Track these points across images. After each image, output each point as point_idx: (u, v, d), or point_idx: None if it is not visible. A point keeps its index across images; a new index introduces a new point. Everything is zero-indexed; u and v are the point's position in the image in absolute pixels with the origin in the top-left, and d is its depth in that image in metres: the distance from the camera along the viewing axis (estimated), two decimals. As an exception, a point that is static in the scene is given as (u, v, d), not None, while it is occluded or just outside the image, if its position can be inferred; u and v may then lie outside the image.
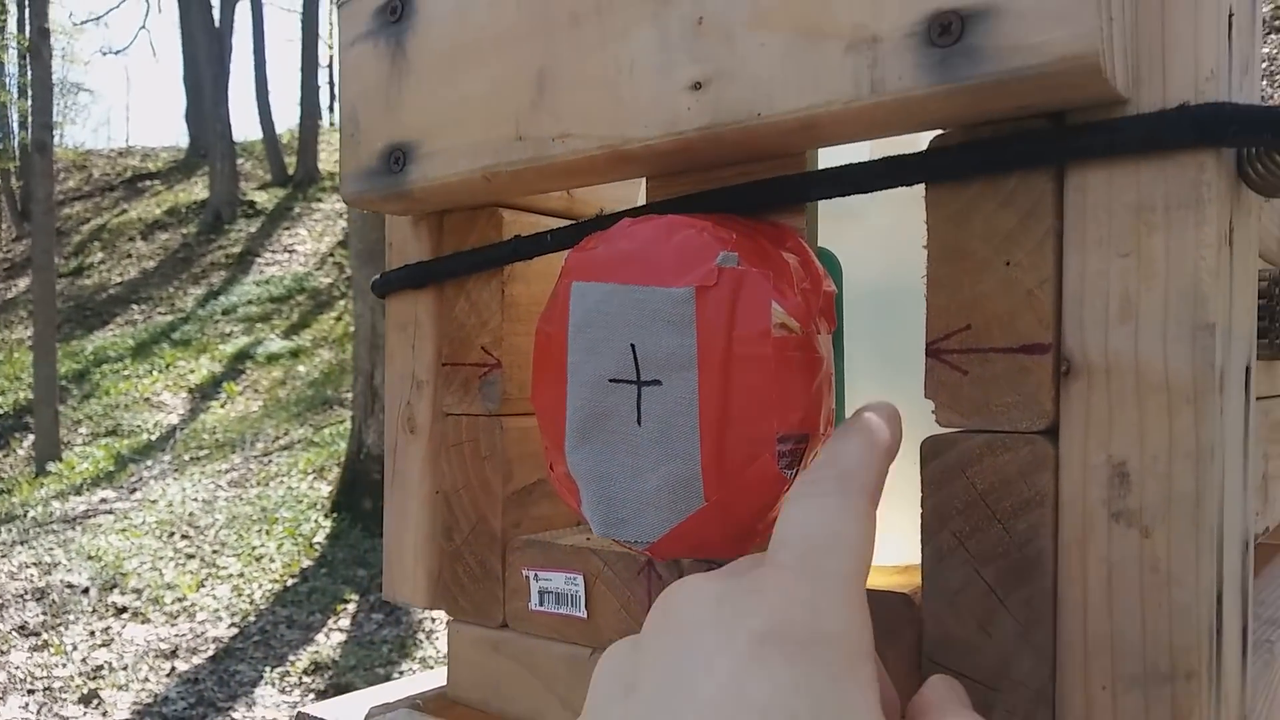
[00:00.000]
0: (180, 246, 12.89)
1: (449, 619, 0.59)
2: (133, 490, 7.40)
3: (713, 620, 0.28)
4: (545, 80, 0.47)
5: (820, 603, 0.28)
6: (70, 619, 5.23)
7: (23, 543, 6.40)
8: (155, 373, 9.82)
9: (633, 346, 0.43)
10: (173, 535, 6.38)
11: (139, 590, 5.59)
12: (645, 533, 0.43)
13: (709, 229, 0.42)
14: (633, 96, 0.44)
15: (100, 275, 12.81)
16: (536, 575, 0.54)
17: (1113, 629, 0.36)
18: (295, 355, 9.66)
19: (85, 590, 5.59)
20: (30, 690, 4.35)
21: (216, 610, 5.36)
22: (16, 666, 4.61)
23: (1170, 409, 0.35)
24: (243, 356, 9.83)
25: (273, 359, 9.65)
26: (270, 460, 7.57)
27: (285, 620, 5.18)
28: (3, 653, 4.78)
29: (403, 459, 0.61)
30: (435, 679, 0.62)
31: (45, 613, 5.32)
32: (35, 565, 5.98)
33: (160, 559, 6.05)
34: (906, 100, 0.37)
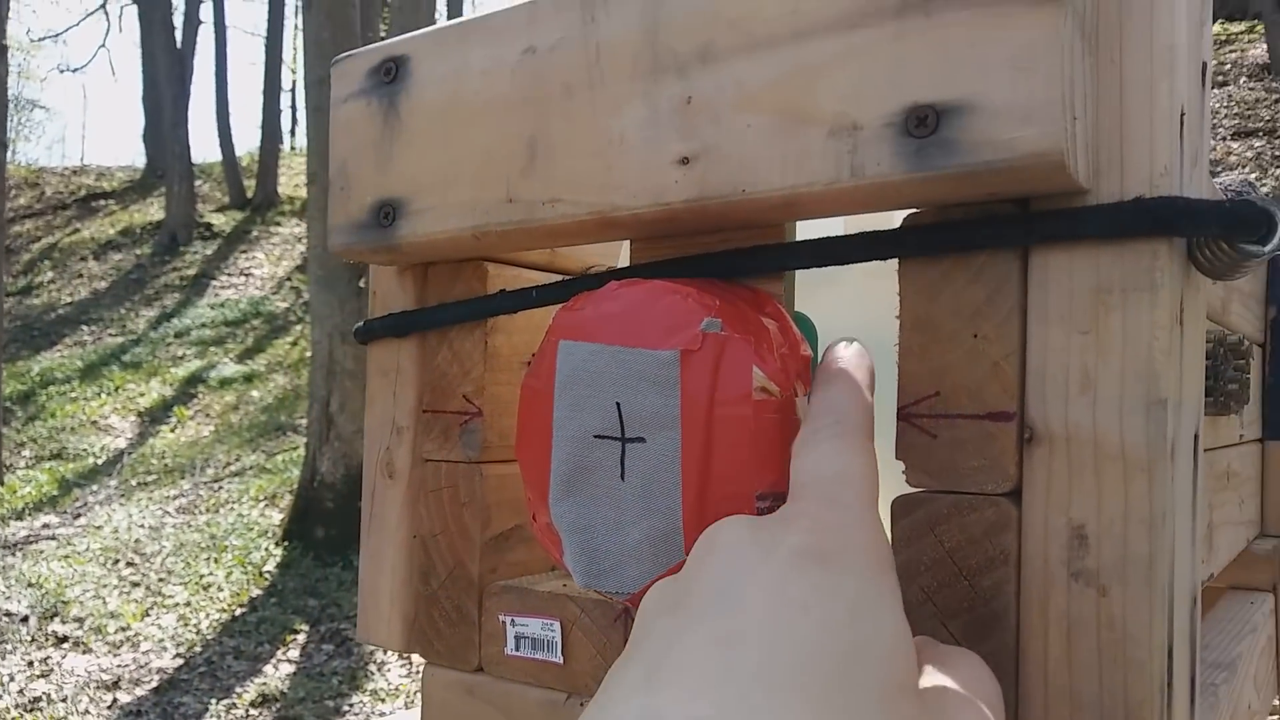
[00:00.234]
0: (134, 268, 12.71)
1: (424, 662, 0.60)
2: (77, 516, 7.24)
3: (752, 541, 0.32)
4: (537, 147, 0.50)
5: (845, 523, 0.32)
6: (7, 649, 5.08)
7: (-40, 568, 6.22)
8: (104, 395, 9.65)
9: (618, 404, 0.44)
10: (117, 562, 6.25)
11: (81, 619, 5.45)
12: (626, 584, 0.45)
13: (694, 295, 0.44)
14: (622, 167, 0.46)
15: (49, 295, 12.57)
16: (513, 620, 0.55)
17: (1071, 682, 0.38)
18: (249, 380, 9.54)
19: (24, 619, 5.45)
20: (-35, 722, 4.22)
21: (161, 640, 5.25)
22: (-49, 697, 4.47)
23: (1125, 477, 0.37)
24: (195, 380, 9.69)
25: (226, 383, 9.52)
26: (221, 487, 7.45)
27: (233, 651, 5.08)
28: (-63, 683, 4.64)
29: (380, 503, 0.62)
30: (409, 721, 0.63)
31: (-18, 642, 5.17)
32: (-27, 592, 5.82)
33: (104, 587, 5.91)
34: (883, 185, 0.39)
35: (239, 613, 5.48)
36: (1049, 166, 0.36)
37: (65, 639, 5.18)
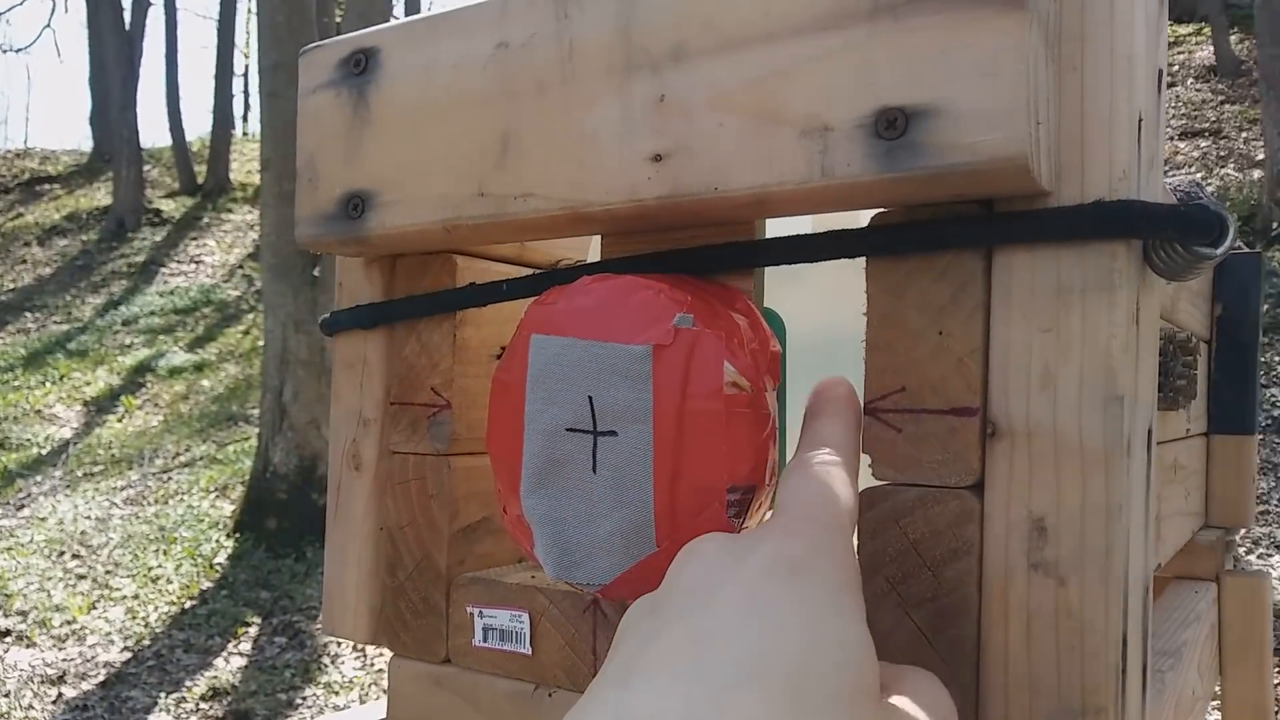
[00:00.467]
0: (80, 254, 12.44)
1: (378, 654, 0.60)
2: (20, 507, 7.08)
3: (729, 550, 0.34)
4: (509, 142, 0.50)
5: (817, 539, 0.33)
6: (-51, 642, 4.97)
7: (-102, 561, 6.07)
8: (48, 384, 9.44)
9: (590, 398, 0.45)
10: (63, 555, 6.13)
11: (24, 612, 5.34)
12: (597, 576, 0.45)
13: (665, 291, 0.44)
14: (595, 163, 0.47)
15: (-9, 281, 12.26)
16: (481, 612, 0.56)
17: (1031, 669, 0.39)
18: (199, 369, 9.39)
19: (-34, 612, 5.32)
20: (-96, 718, 4.13)
21: (108, 634, 5.16)
22: (-111, 693, 4.37)
23: (1084, 470, 0.39)
24: (143, 369, 9.51)
25: (175, 372, 9.36)
26: (170, 477, 7.33)
27: (182, 644, 5.01)
28: (-126, 678, 4.53)
29: (347, 494, 0.62)
30: (372, 713, 0.63)
31: (-79, 636, 5.05)
32: (-88, 585, 5.68)
33: (49, 579, 5.80)
34: (854, 185, 0.40)
35: (189, 605, 5.40)
36: (1013, 170, 0.37)
37: (8, 633, 5.08)
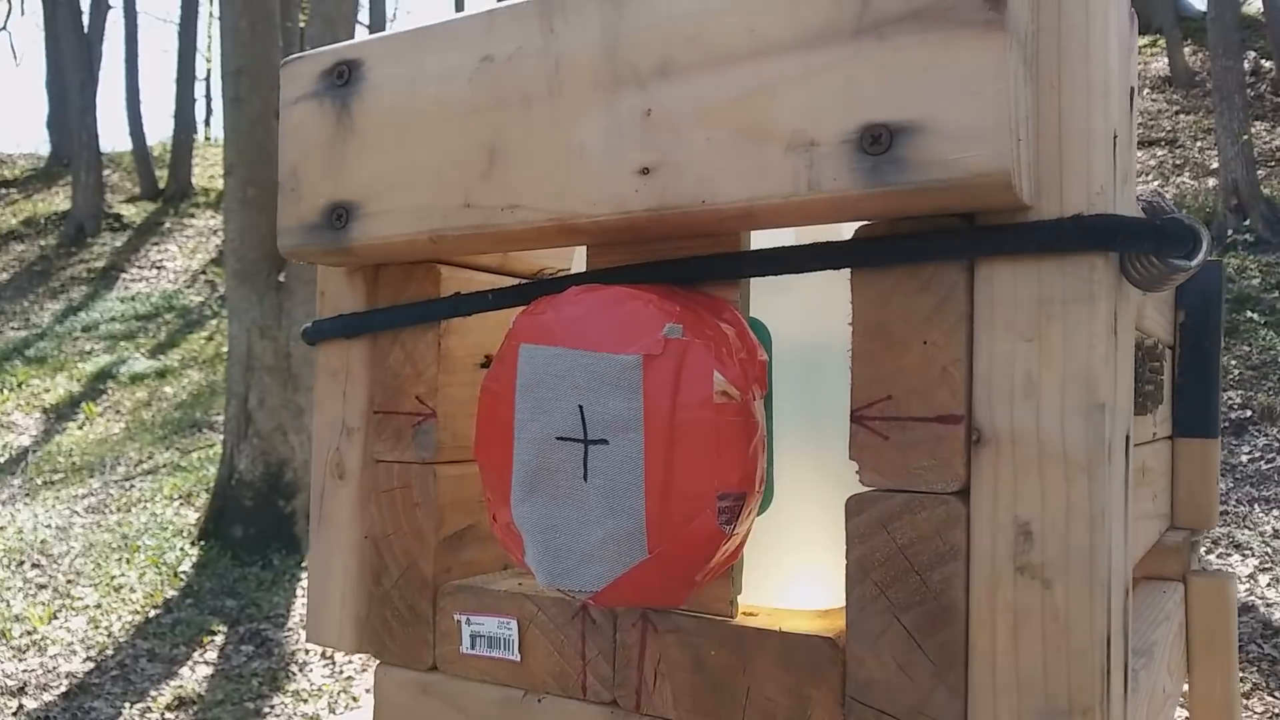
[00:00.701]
0: (38, 259, 12.23)
1: (376, 663, 0.60)
2: (-22, 517, 6.94)
3: None
4: (496, 154, 0.50)
5: None
6: (-94, 656, 4.87)
7: None
8: (6, 391, 9.27)
9: (580, 407, 0.46)
10: (22, 564, 6.02)
11: (-16, 624, 5.24)
12: (589, 582, 0.46)
13: (655, 301, 0.45)
14: (582, 175, 0.47)
15: (-54, 286, 12.02)
16: (469, 619, 0.56)
17: (1018, 670, 0.40)
18: (162, 376, 9.26)
19: (-77, 625, 5.22)
20: None
21: (70, 644, 5.08)
22: None
23: (1067, 476, 0.40)
24: (104, 376, 9.37)
25: (137, 379, 9.22)
26: (132, 485, 7.22)
27: (146, 653, 4.94)
28: None
29: (331, 503, 0.62)
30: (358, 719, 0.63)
31: (-123, 650, 4.95)
32: None
33: (8, 589, 5.69)
34: (839, 199, 0.41)
35: (153, 614, 5.33)
36: (996, 185, 0.38)
37: (-33, 645, 4.97)
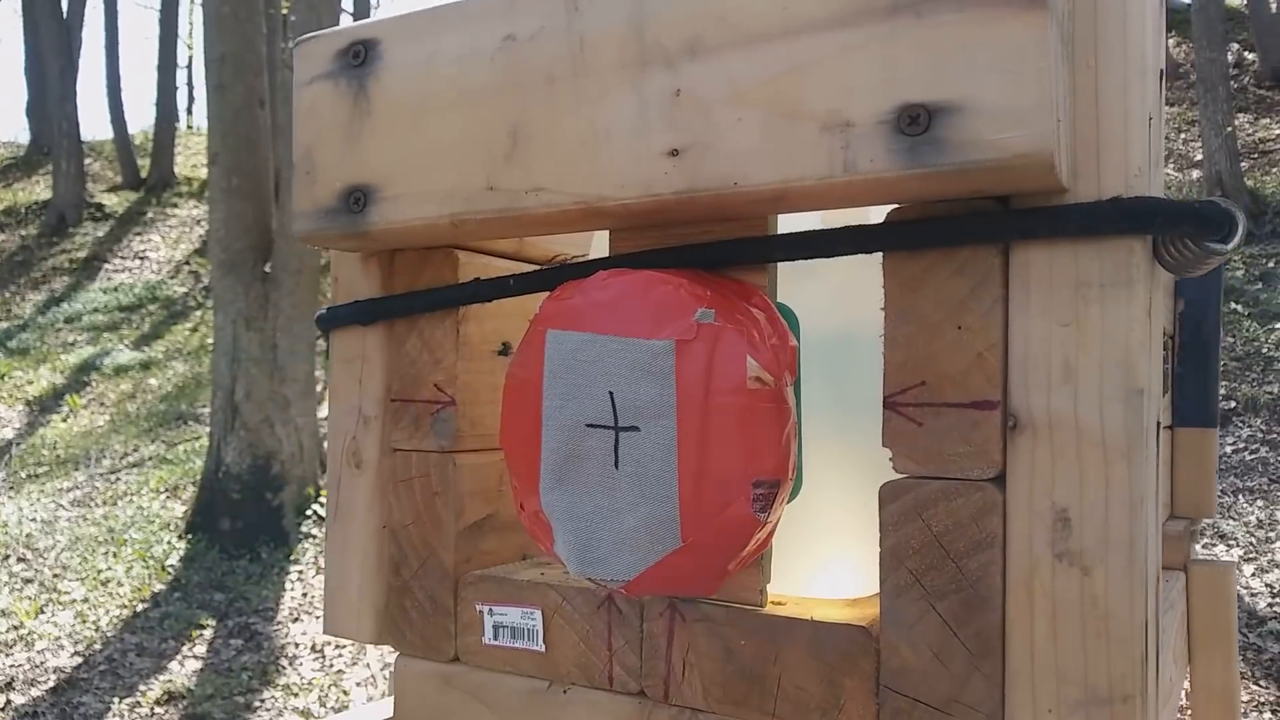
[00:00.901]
0: (18, 249, 12.11)
1: (396, 654, 0.60)
2: (-39, 510, 6.88)
3: None
4: (519, 135, 0.49)
5: None
6: (-110, 651, 4.83)
7: None
8: (-12, 384, 9.18)
9: (611, 394, 0.45)
10: (7, 558, 5.97)
11: (-32, 618, 5.19)
12: (621, 571, 0.45)
13: (685, 285, 0.44)
14: (609, 157, 0.47)
15: (-75, 278, 11.89)
16: (491, 610, 0.55)
17: (1057, 658, 0.40)
18: (146, 367, 9.19)
19: (-93, 619, 5.17)
20: None
21: (58, 638, 5.05)
22: None
23: (1106, 462, 0.40)
24: (87, 368, 9.29)
25: (121, 371, 9.16)
26: (118, 478, 7.18)
27: (135, 648, 4.92)
28: None
29: (347, 493, 0.61)
30: (378, 712, 0.63)
31: None
32: None
33: (-7, 584, 5.64)
34: (876, 180, 0.41)
35: (141, 608, 5.30)
36: (1038, 167, 0.38)
37: (-48, 639, 4.94)
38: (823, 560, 0.52)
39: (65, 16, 13.54)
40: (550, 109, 0.48)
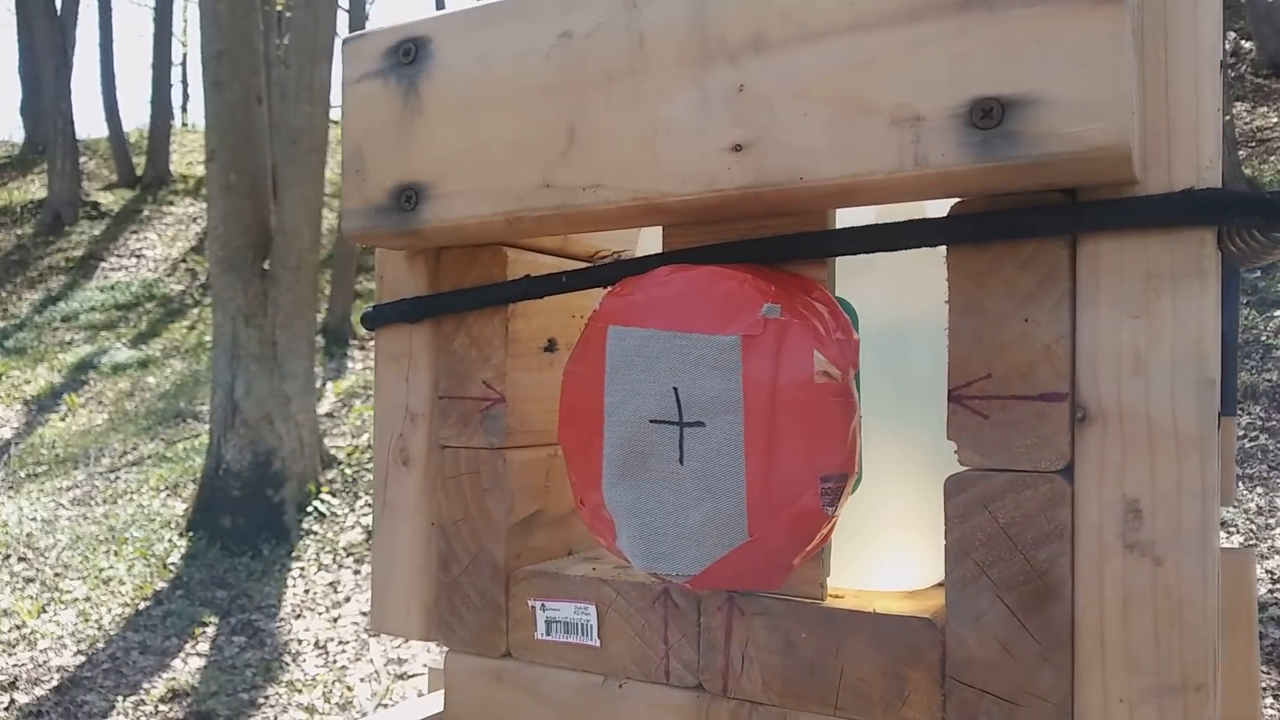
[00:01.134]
0: (14, 248, 12.07)
1: (445, 650, 0.60)
2: (-39, 510, 6.87)
3: None
4: (576, 132, 0.49)
5: None
6: (-107, 651, 4.82)
7: None
8: (-15, 383, 9.15)
9: (675, 390, 0.45)
10: (8, 558, 5.97)
11: (-29, 618, 5.19)
12: (686, 566, 0.46)
13: (750, 281, 0.45)
14: (670, 153, 0.47)
15: (-80, 277, 11.86)
16: (543, 605, 0.56)
17: (1128, 648, 0.40)
18: (144, 366, 9.18)
19: (-91, 619, 5.17)
20: None
21: (60, 637, 5.05)
22: None
23: (1179, 453, 0.40)
24: (85, 367, 9.28)
25: (119, 369, 9.14)
26: (118, 477, 7.17)
27: (138, 646, 4.92)
28: None
29: (395, 491, 0.61)
30: (426, 707, 0.63)
31: None
32: None
33: (-5, 583, 5.63)
34: (947, 174, 0.41)
35: (143, 606, 5.30)
36: (1115, 159, 0.38)
37: (-46, 640, 4.93)
38: (880, 553, 0.52)
39: (59, 14, 13.49)
40: (609, 106, 0.49)
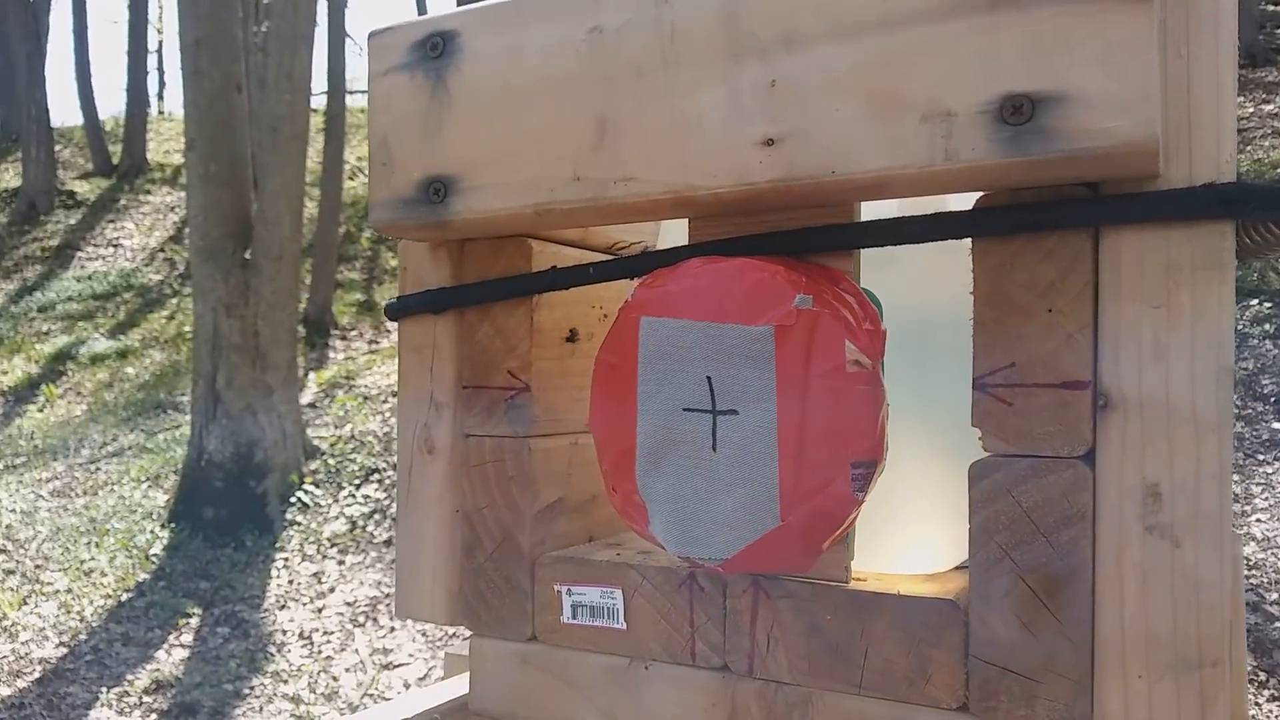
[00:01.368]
0: (-12, 238, 11.93)
1: (470, 634, 0.61)
2: (-62, 502, 6.80)
3: None
4: (607, 126, 0.50)
5: None
6: None
7: None
8: (-39, 374, 9.05)
9: (709, 379, 0.46)
10: (-12, 550, 5.91)
11: (-50, 610, 5.15)
12: (719, 550, 0.47)
13: (782, 273, 0.46)
14: (701, 147, 0.48)
15: (-108, 267, 11.70)
16: (569, 590, 0.57)
17: (1147, 626, 0.42)
18: (123, 356, 9.11)
19: (-113, 612, 5.12)
20: None
21: (42, 629, 5.02)
22: None
23: (1198, 438, 0.41)
24: (63, 357, 9.19)
25: (97, 360, 9.06)
26: (98, 468, 7.12)
27: (121, 637, 4.89)
28: None
29: (419, 479, 0.62)
30: (450, 690, 0.64)
31: None
32: None
33: (-26, 576, 5.59)
34: (977, 168, 0.42)
35: (125, 598, 5.27)
36: (1142, 154, 0.39)
37: (-66, 632, 4.89)
38: (900, 538, 0.54)
39: (31, 1, 13.30)
40: (639, 100, 0.50)
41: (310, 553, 5.63)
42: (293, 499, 5.96)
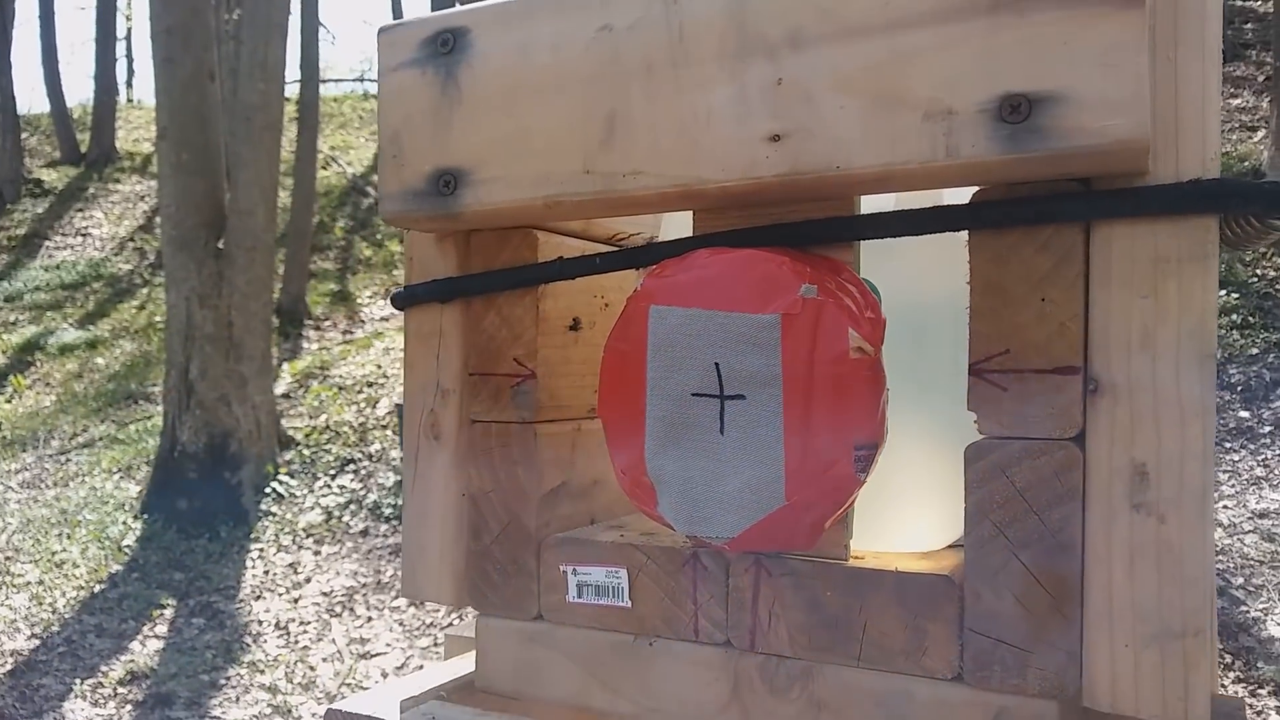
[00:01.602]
0: (-47, 226, 11.75)
1: (476, 614, 0.63)
2: (-96, 494, 6.71)
3: None
4: (616, 122, 0.52)
5: None
6: None
7: None
8: (-74, 364, 8.92)
9: (717, 365, 0.48)
10: (-44, 542, 5.84)
11: (-82, 603, 5.09)
12: (726, 529, 0.49)
13: (787, 263, 0.48)
14: (709, 142, 0.50)
15: None
16: (575, 570, 0.59)
17: (1134, 598, 0.44)
18: (92, 346, 9.01)
19: None
20: None
21: (13, 621, 4.98)
22: None
23: (1184, 421, 0.44)
24: (31, 348, 9.08)
25: (67, 350, 8.96)
26: (68, 459, 7.04)
27: (94, 629, 4.86)
28: None
29: (426, 464, 0.64)
30: (456, 668, 0.66)
31: None
32: None
33: (-58, 568, 5.52)
34: (976, 165, 0.44)
35: (98, 589, 5.23)
36: (1134, 152, 0.42)
37: (-97, 625, 4.83)
38: (896, 518, 0.56)
39: (-4, -16, 13.07)
40: (649, 96, 0.51)
41: (286, 543, 5.61)
42: (268, 490, 5.93)
